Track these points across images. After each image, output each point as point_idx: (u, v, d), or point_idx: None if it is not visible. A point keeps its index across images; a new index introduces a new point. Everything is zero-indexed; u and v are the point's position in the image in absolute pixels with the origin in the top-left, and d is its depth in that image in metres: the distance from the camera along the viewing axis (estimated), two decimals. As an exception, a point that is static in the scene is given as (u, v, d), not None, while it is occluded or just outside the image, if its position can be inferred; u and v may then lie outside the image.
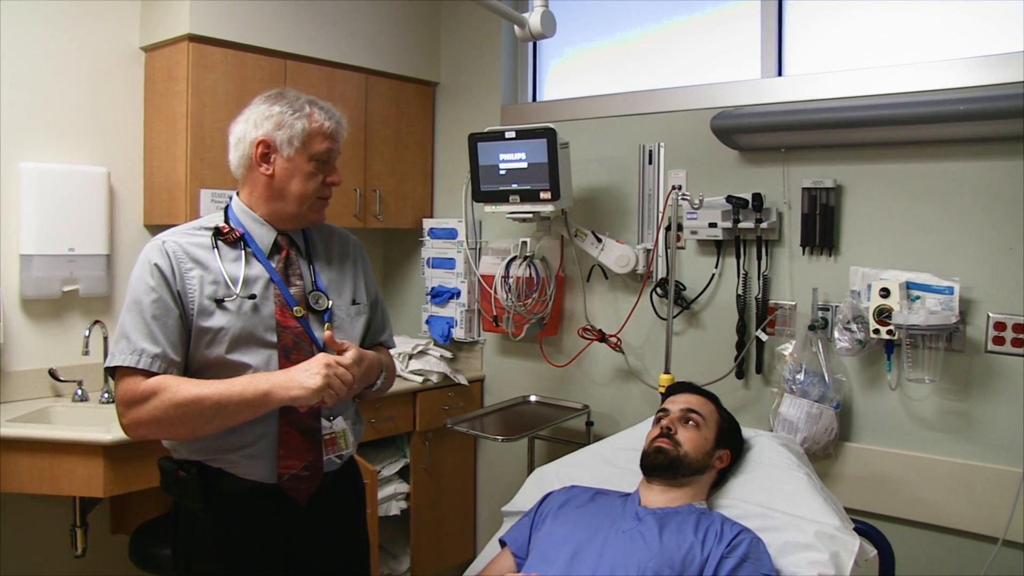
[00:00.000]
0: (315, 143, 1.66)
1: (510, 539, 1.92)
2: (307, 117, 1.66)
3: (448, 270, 3.33)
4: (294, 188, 1.66)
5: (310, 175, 1.66)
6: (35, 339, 2.67)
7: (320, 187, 1.68)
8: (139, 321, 1.55)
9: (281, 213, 1.68)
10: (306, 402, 1.52)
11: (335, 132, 1.70)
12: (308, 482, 1.63)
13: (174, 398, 1.50)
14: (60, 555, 2.63)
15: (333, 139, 1.69)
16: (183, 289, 1.58)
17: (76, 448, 2.23)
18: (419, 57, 3.38)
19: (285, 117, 1.65)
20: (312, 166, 1.66)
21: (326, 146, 1.67)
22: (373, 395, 1.81)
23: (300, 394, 1.51)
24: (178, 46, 2.71)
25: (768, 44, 2.65)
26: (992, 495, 2.17)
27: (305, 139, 1.65)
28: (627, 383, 2.93)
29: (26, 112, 2.62)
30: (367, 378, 1.68)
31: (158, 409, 1.51)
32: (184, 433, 1.58)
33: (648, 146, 2.83)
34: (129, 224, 2.86)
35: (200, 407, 1.51)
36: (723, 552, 1.64)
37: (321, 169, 1.67)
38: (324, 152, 1.67)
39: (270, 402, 1.53)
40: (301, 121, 1.65)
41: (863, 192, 2.40)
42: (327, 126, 1.68)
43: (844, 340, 2.31)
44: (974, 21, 2.30)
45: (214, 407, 1.51)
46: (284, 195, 1.67)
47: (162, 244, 1.61)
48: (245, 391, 1.52)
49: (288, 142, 1.65)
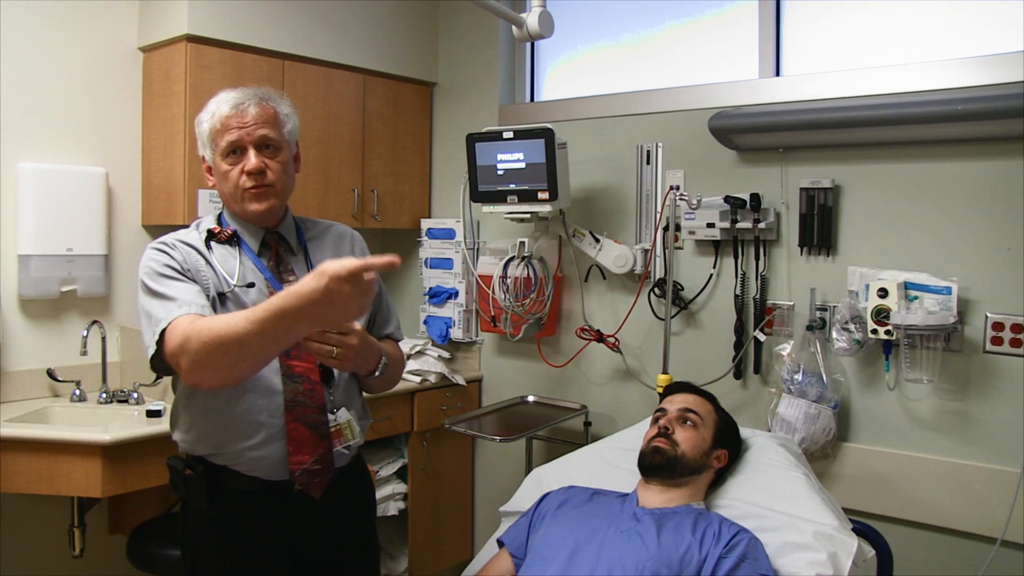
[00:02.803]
0: (219, 140, 1.61)
1: (508, 539, 1.92)
2: (209, 116, 1.63)
3: (446, 270, 3.33)
4: (224, 190, 1.64)
5: (227, 173, 1.62)
6: (33, 339, 2.66)
7: (239, 179, 1.60)
8: (161, 294, 1.51)
9: (241, 214, 1.67)
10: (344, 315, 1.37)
11: (237, 115, 1.59)
12: (320, 475, 1.63)
13: (201, 337, 1.39)
14: (58, 555, 2.63)
15: (239, 126, 1.59)
16: (198, 278, 1.58)
17: (74, 448, 2.23)
18: (417, 57, 3.38)
19: (199, 128, 1.65)
20: (227, 163, 1.61)
21: (228, 139, 1.59)
22: (378, 385, 1.76)
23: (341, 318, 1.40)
24: (176, 46, 2.71)
25: (766, 44, 2.65)
26: (990, 495, 2.17)
27: (212, 140, 1.63)
28: (625, 383, 2.93)
29: (24, 112, 2.61)
30: (365, 358, 1.60)
31: (193, 352, 1.40)
32: (224, 375, 1.44)
33: (646, 146, 2.83)
34: (127, 224, 2.86)
35: (226, 345, 1.38)
36: (721, 552, 1.64)
37: (236, 161, 1.60)
38: (229, 145, 1.60)
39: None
40: (204, 124, 1.63)
41: (861, 192, 2.40)
42: (223, 113, 1.60)
43: (842, 340, 2.31)
44: (971, 21, 2.30)
45: (236, 344, 1.37)
46: (225, 198, 1.67)
47: (168, 240, 1.62)
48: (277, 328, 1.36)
49: (206, 149, 1.65)
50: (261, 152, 1.62)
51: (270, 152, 1.63)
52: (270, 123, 1.63)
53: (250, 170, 1.60)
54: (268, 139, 1.62)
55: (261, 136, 1.61)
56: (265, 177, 1.62)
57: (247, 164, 1.60)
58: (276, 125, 1.65)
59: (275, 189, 1.64)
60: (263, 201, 1.63)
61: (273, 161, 1.63)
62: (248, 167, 1.60)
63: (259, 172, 1.61)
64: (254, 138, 1.61)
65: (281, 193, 1.66)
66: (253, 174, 1.60)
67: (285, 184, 1.67)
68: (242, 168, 1.60)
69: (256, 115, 1.61)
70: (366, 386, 1.79)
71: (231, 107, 1.61)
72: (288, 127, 1.68)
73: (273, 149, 1.64)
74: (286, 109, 1.69)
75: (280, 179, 1.65)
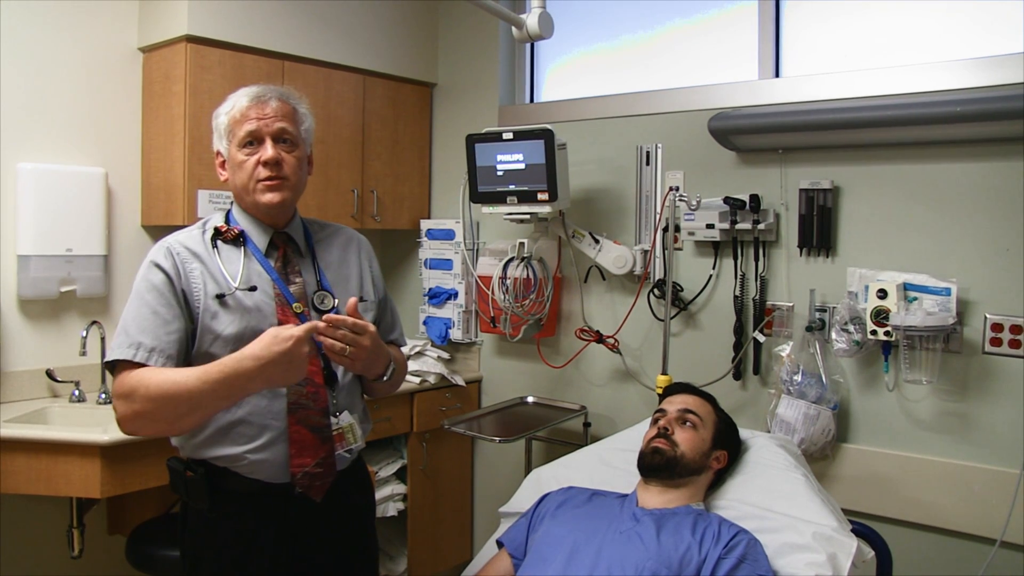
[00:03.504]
0: (237, 130, 1.62)
1: (507, 540, 1.92)
2: (228, 109, 1.65)
3: (445, 271, 3.33)
4: (237, 181, 1.65)
5: (242, 163, 1.63)
6: (32, 339, 2.66)
7: (254, 169, 1.62)
8: (138, 316, 1.55)
9: (251, 209, 1.68)
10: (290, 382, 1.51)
11: (257, 107, 1.62)
12: (322, 478, 1.63)
13: (148, 391, 1.46)
14: (57, 556, 2.63)
15: (258, 117, 1.62)
16: (188, 288, 1.58)
17: (73, 449, 2.23)
18: (417, 58, 3.38)
19: (216, 121, 1.67)
20: (243, 153, 1.62)
21: (247, 128, 1.61)
22: (383, 389, 1.78)
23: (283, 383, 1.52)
24: (176, 47, 2.71)
25: (765, 45, 2.66)
26: (990, 496, 2.17)
27: (229, 131, 1.64)
28: (624, 384, 2.93)
29: (24, 113, 2.61)
30: (375, 360, 1.61)
31: (139, 402, 1.48)
32: (166, 428, 1.54)
33: (646, 147, 2.83)
34: (127, 225, 2.86)
35: (175, 400, 1.45)
36: (720, 553, 1.64)
37: (253, 152, 1.62)
38: (248, 135, 1.61)
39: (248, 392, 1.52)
40: (222, 116, 1.65)
41: (860, 193, 2.40)
42: (243, 104, 1.62)
43: (841, 341, 2.31)
44: (971, 23, 2.30)
45: (187, 401, 1.45)
46: (237, 191, 1.67)
47: (166, 246, 1.62)
48: (218, 388, 1.45)
49: (223, 141, 1.66)
50: (278, 145, 1.64)
51: (287, 146, 1.65)
52: (289, 118, 1.66)
53: (266, 160, 1.61)
54: (286, 132, 1.64)
55: (279, 128, 1.63)
56: (281, 169, 1.63)
57: (264, 154, 1.61)
58: (294, 121, 1.67)
59: (289, 183, 1.65)
60: (276, 192, 1.63)
61: (289, 155, 1.65)
62: (265, 157, 1.61)
63: (275, 163, 1.62)
64: (272, 130, 1.63)
65: (295, 187, 1.67)
66: (269, 164, 1.62)
67: (299, 180, 1.68)
68: (258, 159, 1.62)
69: (276, 108, 1.64)
70: (371, 390, 1.79)
71: (252, 99, 1.63)
72: (305, 125, 1.71)
73: (290, 144, 1.65)
74: (303, 109, 1.72)
75: (295, 173, 1.66)
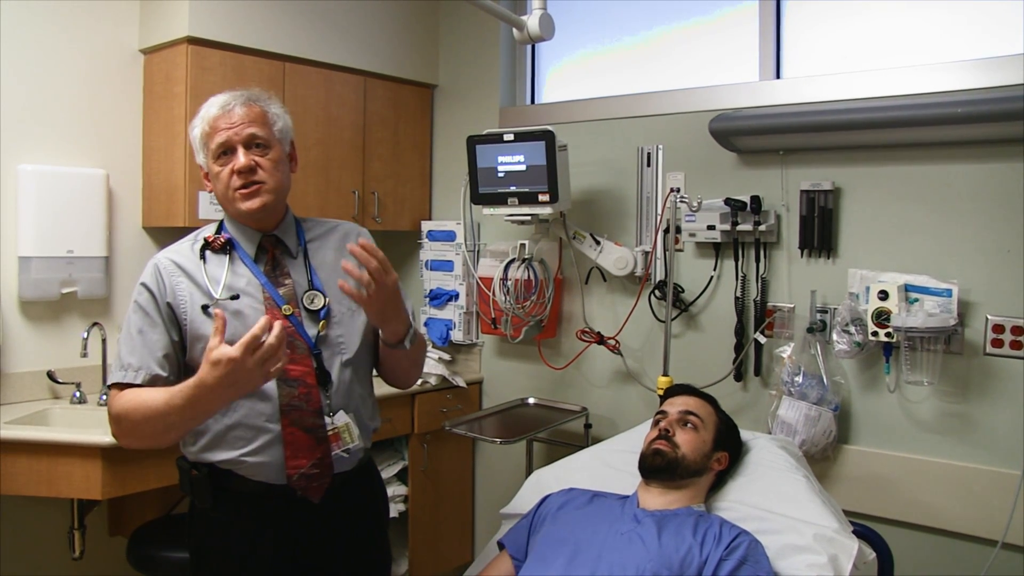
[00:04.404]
0: (210, 142, 1.62)
1: (508, 541, 1.92)
2: (200, 122, 1.64)
3: (446, 272, 3.33)
4: (218, 192, 1.65)
5: (218, 174, 1.62)
6: (33, 341, 2.66)
7: (229, 179, 1.61)
8: (128, 338, 1.60)
9: (237, 217, 1.68)
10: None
11: (225, 116, 1.61)
12: (319, 479, 1.63)
13: (127, 413, 1.53)
14: (58, 557, 2.63)
15: (226, 127, 1.60)
16: (174, 301, 1.60)
17: (74, 450, 2.23)
18: (417, 59, 3.38)
19: (192, 135, 1.67)
20: (218, 164, 1.62)
21: (218, 140, 1.60)
22: (404, 364, 1.78)
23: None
24: (177, 48, 2.71)
25: (766, 47, 2.65)
26: (991, 497, 2.17)
27: (204, 144, 1.64)
28: (625, 385, 2.93)
29: (25, 114, 2.62)
30: (394, 309, 1.63)
31: (123, 423, 1.55)
32: (152, 443, 1.58)
33: (646, 148, 2.83)
34: (128, 226, 2.86)
35: (151, 422, 1.51)
36: (721, 554, 1.64)
37: (227, 162, 1.61)
38: (219, 146, 1.60)
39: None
40: (196, 130, 1.65)
41: (861, 194, 2.40)
42: (211, 115, 1.62)
43: (842, 342, 2.31)
44: (972, 24, 2.30)
45: (161, 421, 1.50)
46: (221, 201, 1.67)
47: (154, 263, 1.65)
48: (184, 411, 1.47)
49: (200, 155, 1.66)
50: (250, 151, 1.62)
51: (259, 150, 1.63)
52: (258, 122, 1.63)
53: (239, 168, 1.60)
54: (256, 137, 1.63)
55: (249, 135, 1.62)
56: (255, 174, 1.62)
57: (236, 163, 1.60)
58: (265, 124, 1.65)
59: (267, 187, 1.63)
60: (254, 199, 1.62)
61: (263, 159, 1.63)
62: (237, 166, 1.60)
63: (248, 170, 1.61)
64: (242, 137, 1.61)
65: (275, 191, 1.65)
66: (243, 172, 1.61)
67: (278, 182, 1.66)
68: (232, 168, 1.60)
69: (243, 115, 1.62)
70: (393, 360, 1.76)
71: (218, 108, 1.62)
72: (278, 125, 1.68)
73: (263, 147, 1.63)
74: (275, 108, 1.69)
75: (272, 176, 1.64)
